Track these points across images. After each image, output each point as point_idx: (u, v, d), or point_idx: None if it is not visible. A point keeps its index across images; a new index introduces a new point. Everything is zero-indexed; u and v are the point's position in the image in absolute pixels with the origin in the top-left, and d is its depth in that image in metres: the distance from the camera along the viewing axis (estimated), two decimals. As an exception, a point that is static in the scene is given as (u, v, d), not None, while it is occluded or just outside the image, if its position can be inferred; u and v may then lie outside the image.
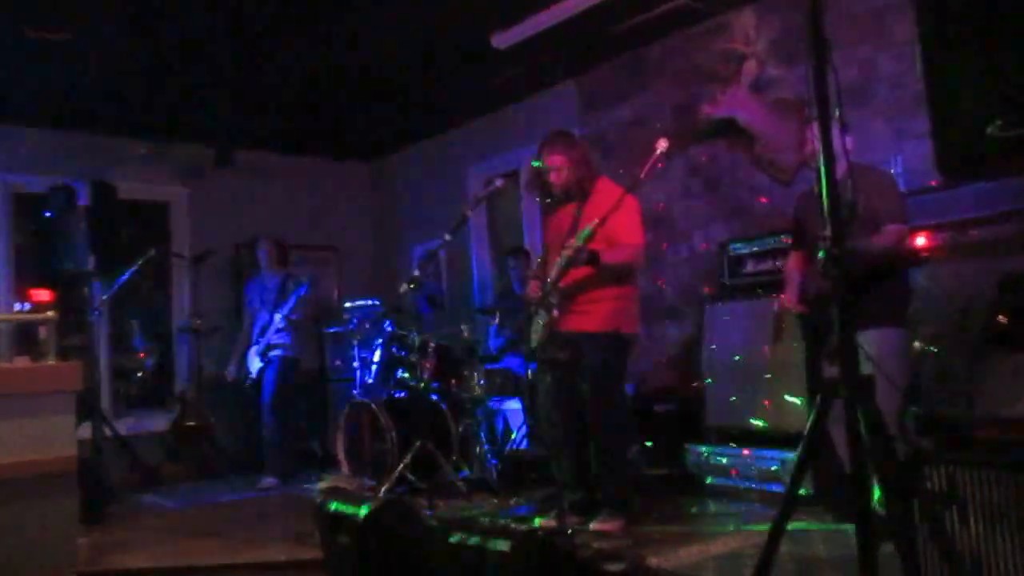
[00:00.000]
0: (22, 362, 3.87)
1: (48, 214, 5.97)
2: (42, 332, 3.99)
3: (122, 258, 5.94)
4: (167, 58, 5.50)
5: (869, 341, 2.64)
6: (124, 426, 6.33)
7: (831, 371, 3.17)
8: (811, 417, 2.22)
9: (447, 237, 4.18)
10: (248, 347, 6.17)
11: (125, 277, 5.91)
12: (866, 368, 2.20)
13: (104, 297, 6.14)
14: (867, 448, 2.07)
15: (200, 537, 4.45)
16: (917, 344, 3.30)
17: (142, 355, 7.44)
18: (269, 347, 6.01)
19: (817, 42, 2.27)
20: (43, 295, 6.12)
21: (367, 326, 6.05)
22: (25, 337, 5.91)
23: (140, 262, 5.99)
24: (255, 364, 6.06)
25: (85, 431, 5.18)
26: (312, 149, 7.92)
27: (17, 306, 6.13)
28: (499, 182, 4.33)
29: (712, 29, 5.35)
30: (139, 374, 7.42)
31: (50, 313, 4.05)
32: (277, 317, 5.93)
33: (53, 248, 5.89)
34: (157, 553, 4.10)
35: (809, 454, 2.24)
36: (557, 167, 3.96)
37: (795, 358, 4.11)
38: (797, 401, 4.21)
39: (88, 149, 6.72)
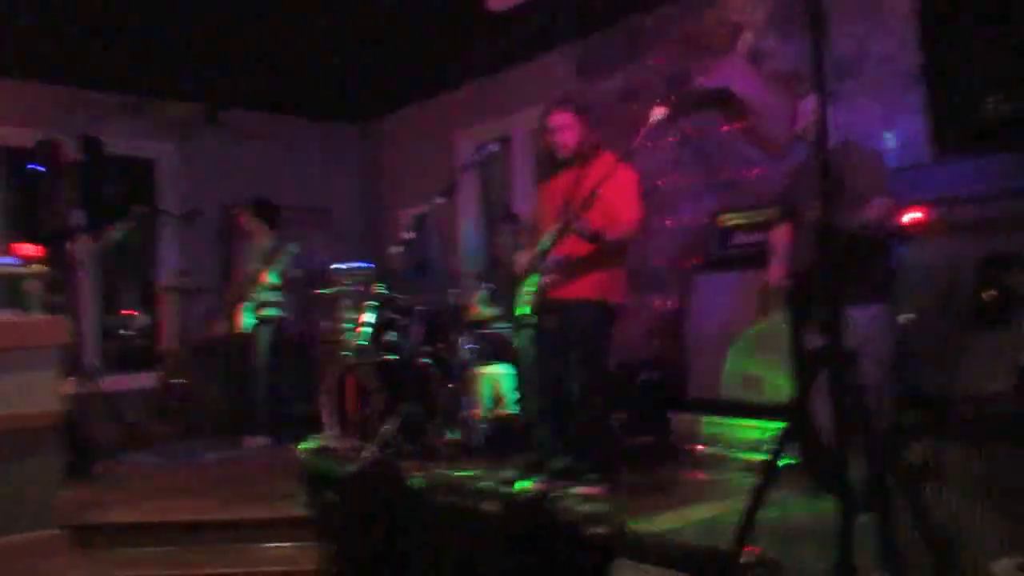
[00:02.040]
0: (7, 316, 3.86)
1: (34, 168, 5.91)
2: (30, 287, 3.97)
3: (110, 214, 5.90)
4: (158, 11, 5.42)
5: (854, 316, 2.66)
6: (110, 384, 6.31)
7: (816, 342, 3.21)
8: (796, 387, 2.24)
9: (438, 200, 4.17)
10: (239, 302, 6.12)
11: (115, 235, 5.86)
12: (851, 341, 2.22)
13: (89, 253, 6.09)
14: (849, 420, 2.10)
15: (184, 495, 4.47)
16: (901, 319, 3.34)
17: (135, 312, 7.39)
18: (260, 305, 5.98)
19: (815, 17, 2.27)
20: (29, 250, 6.11)
21: (357, 289, 6.05)
22: (11, 292, 5.89)
23: (127, 219, 5.93)
24: (249, 320, 6.01)
25: (70, 387, 5.18)
26: (302, 110, 7.85)
27: (3, 260, 6.12)
28: (492, 147, 4.32)
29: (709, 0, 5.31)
30: (124, 331, 7.37)
31: (38, 267, 4.03)
32: (269, 275, 5.90)
33: (40, 203, 5.83)
34: (143, 509, 4.12)
35: (794, 423, 2.28)
36: (567, 125, 3.96)
37: (780, 330, 4.14)
38: (781, 373, 4.25)
39: (76, 103, 6.63)
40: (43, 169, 5.96)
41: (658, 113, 3.49)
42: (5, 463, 3.60)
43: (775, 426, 4.12)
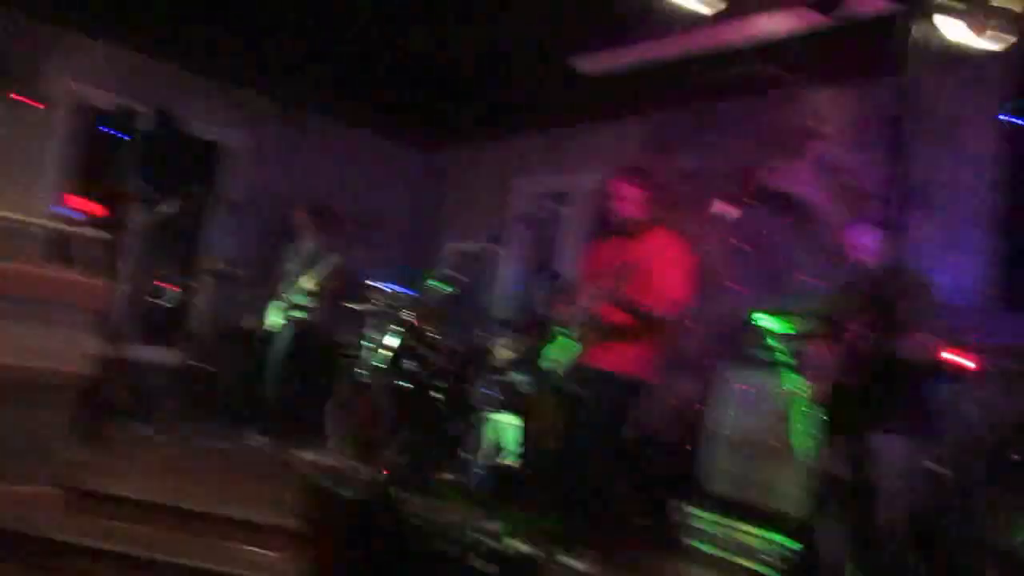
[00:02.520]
0: (55, 271, 3.94)
1: (108, 130, 6.07)
2: (81, 247, 4.06)
3: (171, 189, 6.01)
4: (260, 5, 5.56)
5: (883, 445, 2.64)
6: (136, 352, 6.37)
7: (839, 468, 3.18)
8: (809, 505, 2.21)
9: (487, 244, 4.20)
10: (274, 302, 6.20)
11: (168, 209, 5.95)
12: (875, 472, 2.20)
13: (143, 222, 6.19)
14: (859, 551, 2.08)
15: (186, 478, 4.50)
16: (928, 461, 3.29)
17: (176, 288, 7.45)
18: (292, 307, 6.05)
19: (899, 139, 2.28)
20: (82, 203, 6.24)
21: (390, 309, 6.08)
22: (60, 245, 6.02)
23: (185, 197, 6.03)
24: (276, 318, 6.08)
25: (97, 350, 5.24)
26: (374, 126, 7.99)
27: (61, 210, 6.26)
28: (551, 204, 4.35)
29: (788, 99, 5.36)
30: (159, 302, 7.40)
31: (92, 230, 4.12)
32: (304, 280, 5.98)
33: (106, 165, 5.97)
34: (143, 485, 4.15)
35: (804, 545, 2.25)
36: (627, 197, 3.99)
37: (803, 442, 4.09)
38: (795, 485, 4.18)
39: (159, 76, 6.80)
40: (116, 133, 6.13)
41: (721, 208, 3.52)
42: (23, 412, 3.66)
43: (778, 537, 4.06)
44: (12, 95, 5.91)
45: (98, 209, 6.15)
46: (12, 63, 5.92)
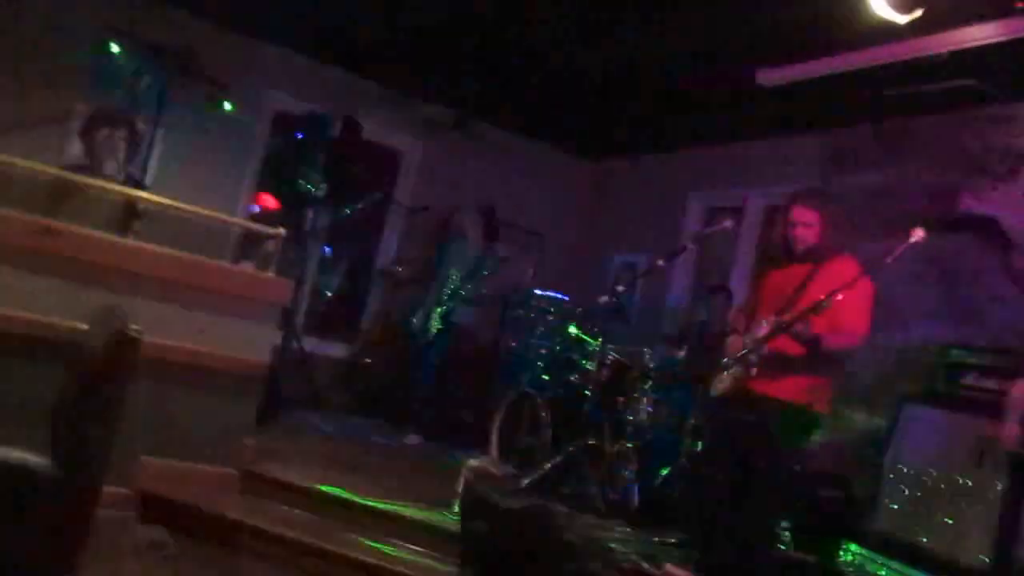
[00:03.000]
0: (247, 268, 4.22)
1: (299, 136, 6.44)
2: (269, 245, 4.32)
3: (351, 192, 6.30)
4: (443, 20, 5.73)
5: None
6: (308, 345, 6.73)
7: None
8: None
9: (660, 263, 4.10)
10: (432, 303, 6.34)
11: (349, 211, 6.24)
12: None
13: (325, 223, 6.54)
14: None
15: (349, 470, 4.67)
16: None
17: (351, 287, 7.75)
18: (450, 312, 6.16)
19: None
20: (271, 202, 6.66)
21: (551, 319, 6.09)
22: (250, 243, 6.44)
23: (366, 200, 6.31)
24: (435, 324, 6.21)
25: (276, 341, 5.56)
26: (545, 137, 8.06)
27: (251, 208, 6.71)
28: (728, 223, 4.20)
29: (995, 118, 4.93)
30: (328, 295, 7.72)
31: (281, 229, 4.37)
32: (468, 285, 6.07)
33: (295, 168, 6.33)
34: (309, 473, 4.34)
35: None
36: (808, 223, 3.78)
37: (990, 493, 3.75)
38: (980, 536, 3.83)
39: (345, 86, 7.14)
40: (305, 138, 6.50)
41: (917, 236, 3.26)
42: (214, 398, 3.94)
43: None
44: (225, 105, 6.37)
45: (282, 207, 6.53)
46: (221, 75, 6.38)
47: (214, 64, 6.38)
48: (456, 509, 3.93)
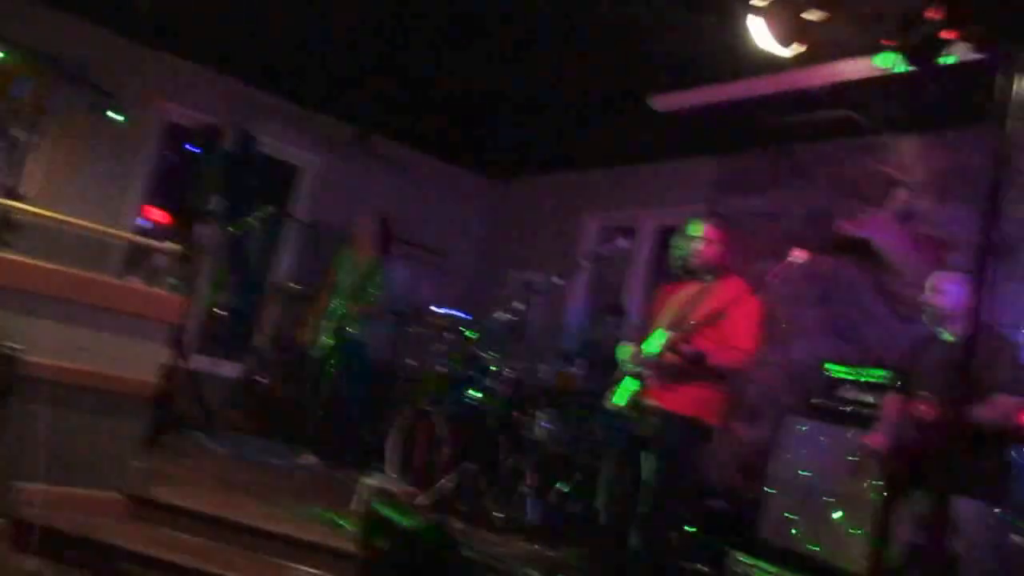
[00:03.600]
0: (135, 284, 4.07)
1: (192, 148, 6.26)
2: (159, 260, 4.17)
3: (245, 206, 6.15)
4: (335, 34, 5.70)
5: (959, 511, 2.53)
6: (199, 364, 6.51)
7: (912, 535, 3.06)
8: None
9: (556, 280, 4.18)
10: (322, 317, 6.20)
11: (242, 224, 6.06)
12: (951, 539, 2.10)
13: (217, 238, 6.35)
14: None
15: (242, 493, 4.54)
16: (1014, 537, 3.14)
17: (243, 303, 7.54)
18: (342, 327, 5.99)
19: (994, 195, 2.20)
20: (159, 215, 6.44)
21: (449, 336, 6.08)
22: (138, 258, 6.20)
23: (260, 215, 6.14)
24: (327, 340, 6.04)
25: (166, 360, 5.36)
26: (445, 154, 8.10)
27: (140, 222, 6.46)
28: (622, 242, 4.34)
29: (868, 146, 5.27)
30: (226, 317, 7.50)
31: (174, 245, 4.24)
32: (356, 302, 5.91)
33: (187, 180, 6.15)
34: (201, 497, 4.20)
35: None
36: (711, 240, 3.95)
37: (868, 498, 3.97)
38: (859, 542, 4.05)
39: (241, 98, 7.00)
40: (199, 151, 6.32)
41: (798, 257, 3.44)
42: (98, 419, 3.76)
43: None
44: (107, 112, 6.13)
45: (173, 221, 6.32)
46: (110, 83, 6.15)
47: (103, 72, 6.15)
48: (351, 528, 3.89)
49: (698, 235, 3.97)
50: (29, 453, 3.58)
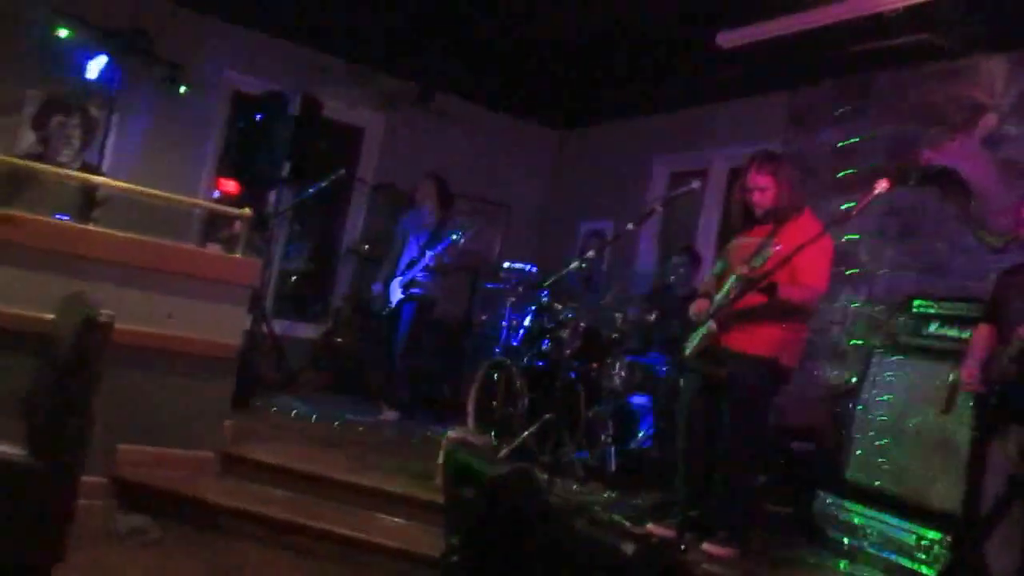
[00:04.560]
0: (214, 249, 4.18)
1: (259, 116, 6.33)
2: (236, 226, 4.27)
3: (314, 172, 6.22)
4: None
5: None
6: (278, 328, 6.67)
7: (1012, 466, 2.95)
8: (976, 507, 2.05)
9: (630, 227, 4.12)
10: (392, 276, 6.27)
11: (312, 190, 6.14)
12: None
13: (290, 204, 6.45)
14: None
15: (327, 448, 4.68)
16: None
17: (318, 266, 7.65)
18: (412, 283, 6.06)
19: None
20: (232, 186, 6.57)
21: (521, 290, 6.09)
22: (215, 225, 6.35)
23: (329, 179, 6.21)
24: (396, 295, 6.13)
25: (247, 324, 5.51)
26: (508, 107, 8.03)
27: (215, 193, 6.60)
28: (695, 183, 4.22)
29: (952, 71, 5.01)
30: (294, 278, 7.63)
31: (247, 210, 4.32)
32: (427, 254, 5.97)
33: (256, 149, 6.23)
34: (288, 453, 4.33)
35: (971, 547, 2.10)
36: (763, 187, 3.83)
37: (960, 436, 3.85)
38: (950, 481, 3.94)
39: (305, 63, 7.04)
40: (265, 118, 6.39)
41: (881, 187, 3.31)
42: (188, 382, 3.91)
43: (929, 533, 3.84)
44: (174, 85, 6.25)
45: (246, 190, 6.43)
46: (176, 56, 6.26)
47: (167, 45, 6.25)
48: (437, 480, 3.97)
49: (752, 184, 3.85)
50: (126, 416, 3.75)
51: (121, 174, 5.32)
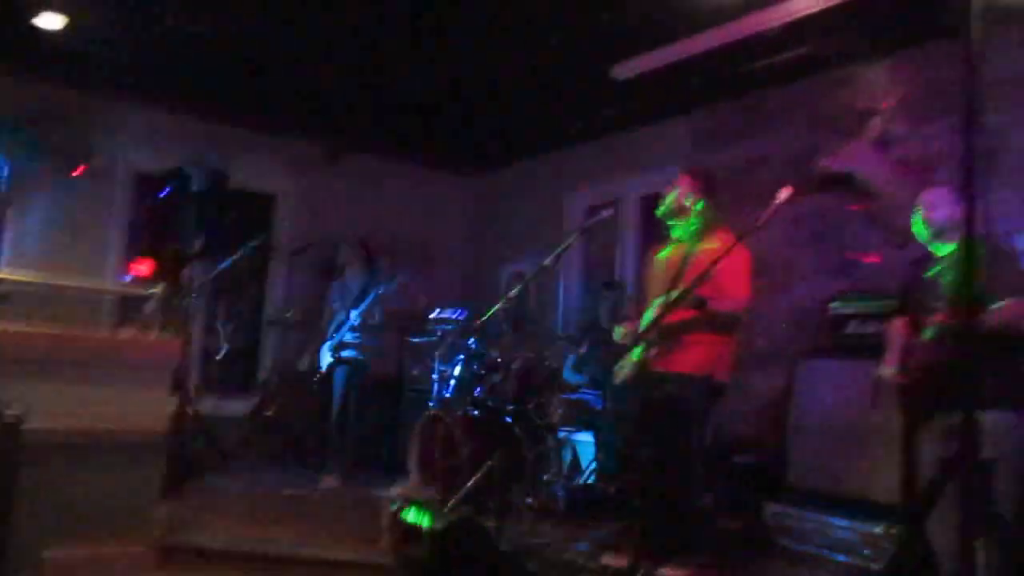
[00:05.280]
0: (127, 333, 4.03)
1: (163, 195, 6.21)
2: (149, 307, 4.14)
3: (227, 244, 6.11)
4: (293, 55, 5.67)
5: (986, 423, 2.50)
6: (207, 406, 6.47)
7: (942, 450, 3.03)
8: (912, 495, 2.09)
9: (547, 263, 4.15)
10: (322, 342, 6.22)
11: (227, 263, 6.03)
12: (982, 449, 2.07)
13: (204, 280, 6.30)
14: (978, 534, 1.96)
15: (269, 524, 4.52)
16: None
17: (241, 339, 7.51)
18: (341, 345, 6.03)
19: (969, 104, 2.18)
20: (144, 268, 6.39)
21: (450, 340, 6.07)
22: (127, 309, 6.15)
23: (244, 249, 6.11)
24: (326, 359, 6.09)
25: (171, 406, 5.32)
26: (419, 159, 8.06)
27: (123, 278, 6.42)
28: (606, 212, 4.29)
29: (839, 80, 5.24)
30: (218, 357, 7.48)
31: (158, 290, 4.20)
32: (353, 314, 5.96)
33: (164, 227, 6.12)
34: (229, 535, 4.17)
35: (912, 535, 2.14)
36: (686, 204, 3.94)
37: (892, 428, 3.95)
38: (888, 473, 4.02)
39: (207, 136, 6.96)
40: (170, 196, 6.27)
41: (784, 194, 3.41)
42: (111, 473, 3.72)
43: (875, 528, 3.91)
44: (74, 172, 6.10)
45: (160, 271, 6.28)
46: (72, 141, 6.12)
47: (61, 133, 6.10)
48: (385, 541, 3.86)
49: (678, 199, 3.95)
50: (51, 519, 3.54)
51: (24, 263, 5.13)
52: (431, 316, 6.80)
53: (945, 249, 3.59)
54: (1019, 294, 3.29)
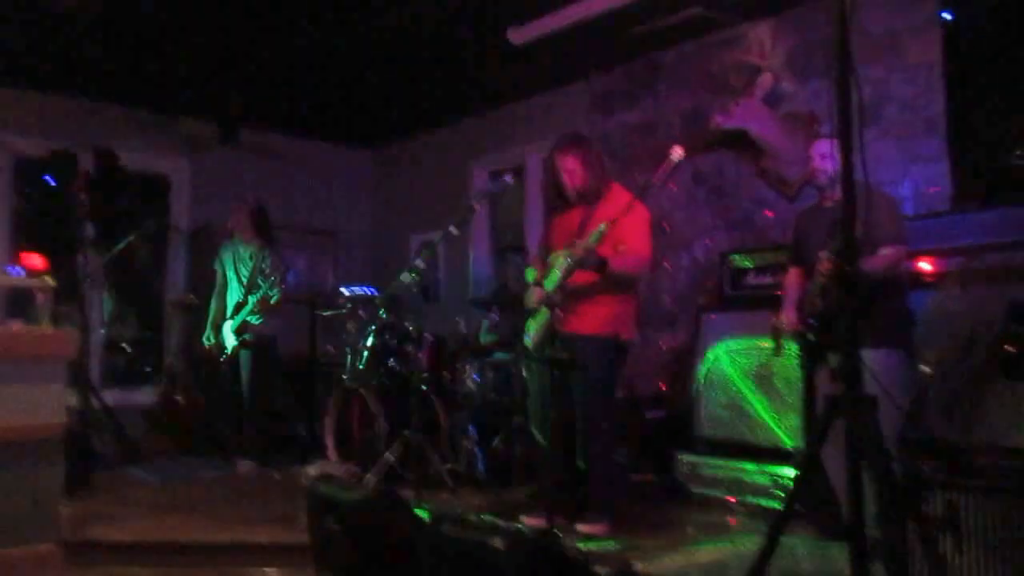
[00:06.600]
0: (16, 326, 3.85)
1: (48, 179, 5.93)
2: (39, 298, 3.96)
3: (121, 228, 5.89)
4: (179, 30, 5.46)
5: (870, 361, 2.63)
6: (110, 398, 6.26)
7: (831, 389, 3.18)
8: (811, 434, 2.21)
9: (452, 230, 4.14)
10: (222, 319, 5.96)
11: (120, 247, 5.80)
12: (869, 388, 2.19)
13: (98, 266, 6.06)
14: (865, 468, 2.07)
15: (183, 513, 4.42)
16: (922, 367, 3.31)
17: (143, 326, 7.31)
18: (244, 325, 5.80)
19: (843, 59, 2.28)
20: (36, 260, 6.10)
21: (361, 313, 6.00)
22: (17, 302, 5.87)
23: (136, 234, 5.89)
24: (230, 341, 5.85)
25: (72, 400, 5.14)
26: (317, 132, 7.90)
27: (10, 270, 6.11)
28: (508, 178, 4.30)
29: (727, 40, 5.36)
30: (124, 346, 7.30)
31: (47, 279, 4.02)
32: (251, 299, 5.71)
33: (51, 214, 5.85)
34: (141, 527, 4.07)
35: (806, 470, 2.25)
36: (570, 170, 3.96)
37: (791, 374, 4.12)
38: (791, 417, 4.21)
39: (92, 117, 6.66)
40: (56, 181, 5.99)
41: (676, 153, 3.49)
42: (9, 473, 3.57)
43: (782, 471, 4.10)
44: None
45: (50, 260, 6.00)
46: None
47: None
48: (303, 521, 3.83)
49: (561, 166, 3.99)
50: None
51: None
52: (340, 291, 6.70)
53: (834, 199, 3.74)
54: (898, 241, 3.47)
